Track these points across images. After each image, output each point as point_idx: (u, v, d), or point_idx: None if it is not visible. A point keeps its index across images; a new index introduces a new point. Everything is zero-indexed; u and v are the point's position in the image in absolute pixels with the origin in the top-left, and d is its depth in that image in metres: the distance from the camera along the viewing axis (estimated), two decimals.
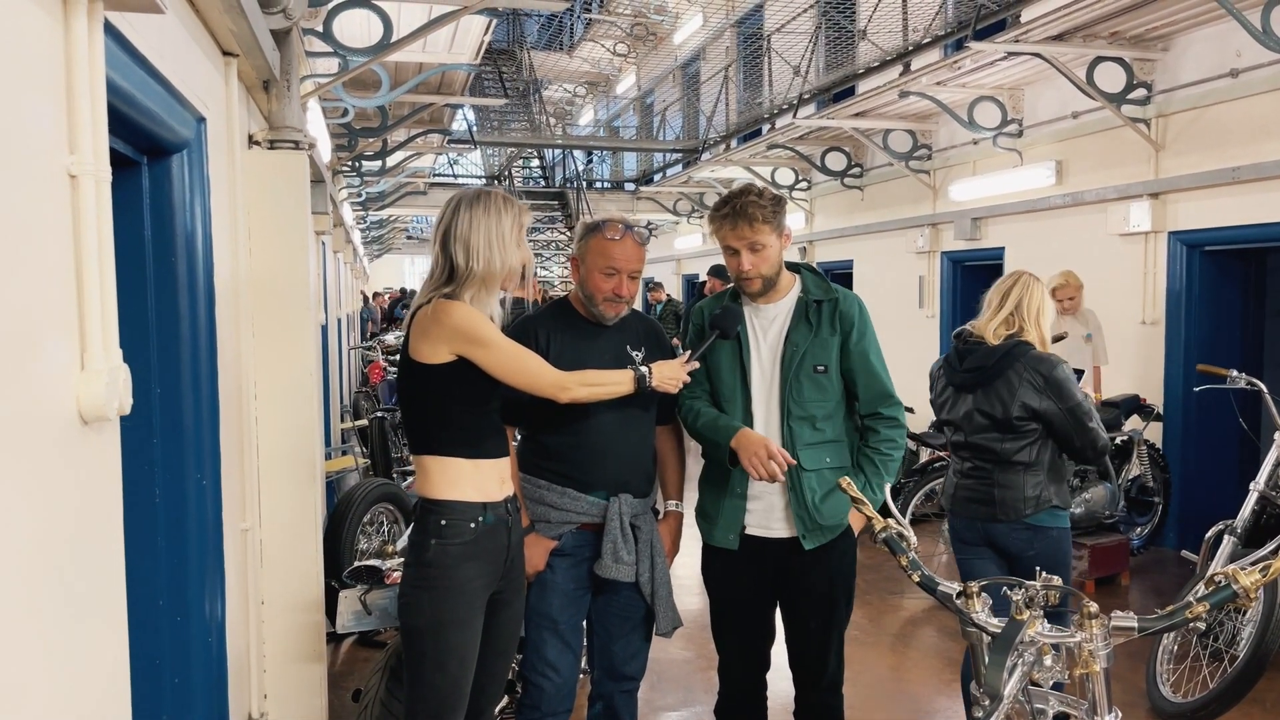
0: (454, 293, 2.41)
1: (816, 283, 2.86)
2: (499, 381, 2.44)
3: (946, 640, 4.95)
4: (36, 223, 1.35)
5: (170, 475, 2.38)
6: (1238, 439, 5.99)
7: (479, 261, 2.39)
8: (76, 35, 1.43)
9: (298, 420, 3.36)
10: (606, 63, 18.84)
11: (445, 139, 10.00)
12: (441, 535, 2.41)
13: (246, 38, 2.76)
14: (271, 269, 3.26)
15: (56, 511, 1.39)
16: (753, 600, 2.93)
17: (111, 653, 1.65)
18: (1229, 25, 5.65)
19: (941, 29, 7.36)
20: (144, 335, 2.32)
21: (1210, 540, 4.30)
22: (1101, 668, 1.71)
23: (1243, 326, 6.50)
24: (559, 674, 2.81)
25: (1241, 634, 3.86)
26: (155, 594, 2.36)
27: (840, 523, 2.79)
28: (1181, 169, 6.30)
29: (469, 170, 20.23)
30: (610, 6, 16.40)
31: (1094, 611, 1.70)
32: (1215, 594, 1.68)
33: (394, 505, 5.28)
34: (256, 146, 3.30)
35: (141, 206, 2.32)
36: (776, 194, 2.81)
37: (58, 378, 1.40)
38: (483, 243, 2.40)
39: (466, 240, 2.40)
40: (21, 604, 1.26)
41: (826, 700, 2.95)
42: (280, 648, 3.31)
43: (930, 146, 9.28)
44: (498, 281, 2.44)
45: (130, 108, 1.89)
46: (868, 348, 2.81)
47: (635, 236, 2.79)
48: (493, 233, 2.41)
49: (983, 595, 1.85)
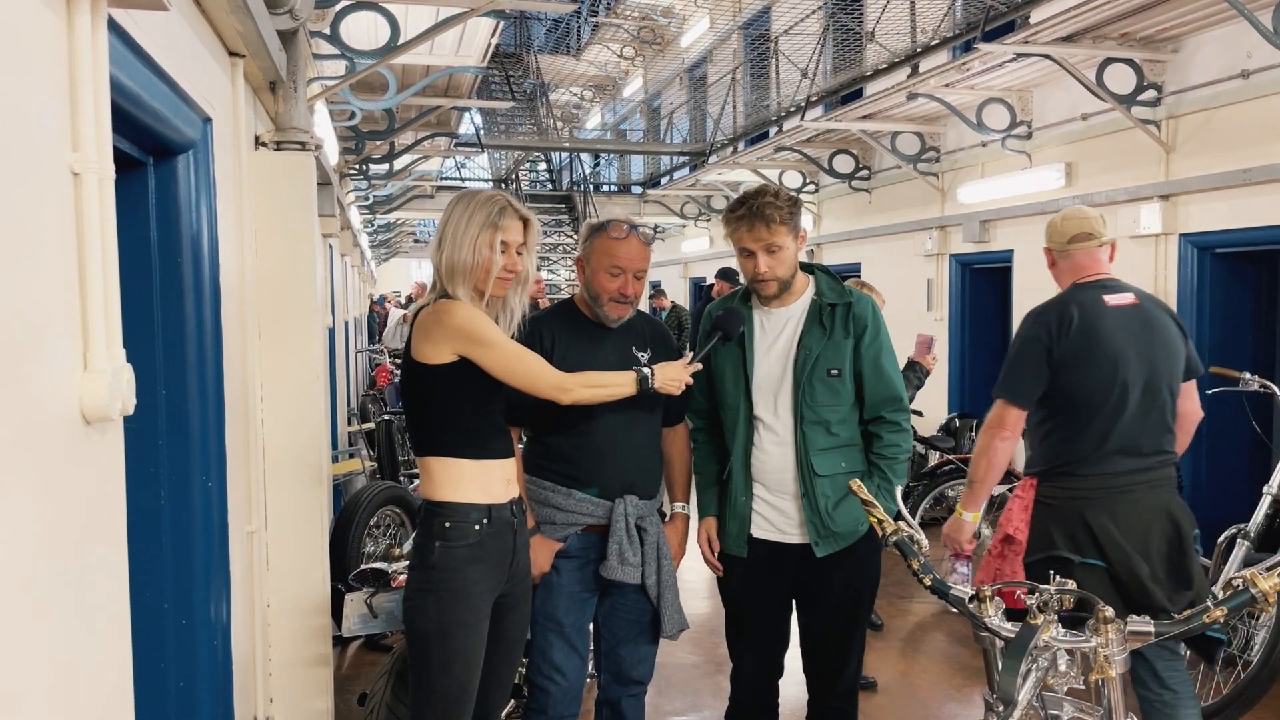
0: (449, 291, 2.41)
1: (830, 285, 2.83)
2: (502, 382, 2.43)
3: (956, 645, 4.92)
4: (38, 221, 1.33)
5: (175, 477, 2.37)
6: (1249, 442, 5.95)
7: (443, 253, 2.42)
8: (80, 31, 1.42)
9: (304, 422, 3.34)
10: (613, 66, 18.85)
11: (452, 142, 10.01)
12: (446, 538, 2.40)
13: (253, 38, 2.75)
14: (278, 271, 3.25)
15: (58, 514, 1.37)
16: (770, 606, 2.91)
17: (115, 656, 1.63)
18: (1240, 26, 5.61)
19: (950, 31, 7.34)
20: (149, 336, 2.31)
21: (1223, 545, 4.27)
22: (1117, 673, 1.69)
23: (1254, 329, 6.45)
24: (565, 677, 2.80)
25: (1255, 639, 3.83)
26: (160, 597, 2.34)
27: (855, 530, 2.76)
28: (1192, 171, 6.26)
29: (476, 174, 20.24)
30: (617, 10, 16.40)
31: (1110, 616, 1.68)
32: (1233, 598, 1.65)
33: (400, 508, 5.28)
34: (263, 148, 3.29)
35: (147, 207, 2.30)
36: (792, 195, 2.79)
37: (60, 378, 1.38)
38: (449, 235, 2.43)
39: (441, 233, 2.44)
40: (23, 607, 1.24)
41: (841, 706, 2.92)
42: (286, 651, 3.30)
43: (938, 149, 9.24)
44: (470, 278, 2.42)
45: (135, 107, 1.87)
46: (879, 350, 2.78)
47: (640, 236, 2.77)
48: (460, 225, 2.42)
49: (995, 599, 1.82)
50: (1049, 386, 2.94)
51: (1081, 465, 2.92)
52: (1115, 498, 2.88)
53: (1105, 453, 2.90)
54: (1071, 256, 3.05)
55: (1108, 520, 2.85)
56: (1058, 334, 2.93)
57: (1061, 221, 3.08)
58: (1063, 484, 2.94)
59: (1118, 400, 2.90)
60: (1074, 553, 2.88)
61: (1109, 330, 2.91)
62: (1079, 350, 2.91)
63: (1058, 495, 2.95)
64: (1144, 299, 3.02)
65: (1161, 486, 2.95)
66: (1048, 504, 2.97)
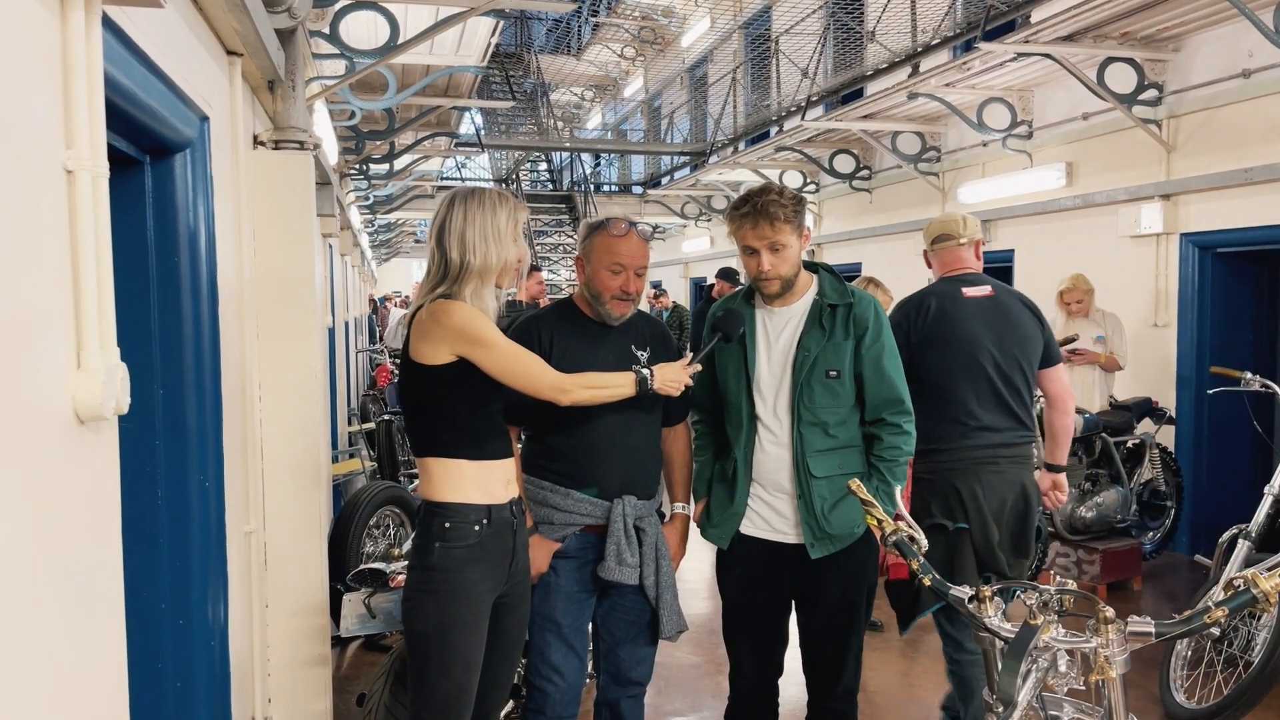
0: (452, 290, 2.39)
1: (833, 285, 2.82)
2: (501, 382, 2.42)
3: None
4: (31, 218, 1.32)
5: (173, 477, 2.36)
6: (1250, 442, 5.94)
7: (475, 256, 2.38)
8: (73, 27, 1.41)
9: (303, 422, 3.33)
10: (614, 66, 18.85)
11: (453, 142, 10.01)
12: (445, 538, 2.39)
13: (250, 37, 2.74)
14: (277, 270, 3.24)
15: (52, 514, 1.36)
16: (768, 606, 2.90)
17: (110, 657, 1.62)
18: (1241, 25, 5.60)
19: (950, 30, 7.33)
20: (147, 336, 2.30)
21: (1224, 545, 4.25)
22: (1118, 674, 1.68)
23: (1255, 329, 6.45)
24: (563, 678, 2.79)
25: (1256, 639, 3.82)
26: (157, 597, 2.33)
27: (851, 533, 2.75)
28: (1193, 170, 6.25)
29: (477, 174, 20.25)
30: (618, 10, 16.40)
31: (1110, 616, 1.67)
32: (1235, 599, 1.64)
33: (400, 508, 5.27)
34: (261, 147, 3.29)
35: (144, 206, 2.30)
36: (797, 194, 2.78)
37: (53, 377, 1.37)
38: (478, 237, 2.39)
39: (462, 235, 2.39)
40: (16, 607, 1.23)
41: (840, 707, 2.91)
42: (284, 651, 3.29)
43: (939, 149, 9.24)
44: (494, 277, 2.43)
45: (131, 105, 1.87)
46: (881, 351, 2.76)
47: (639, 233, 2.77)
48: (488, 227, 2.40)
49: (995, 600, 1.82)
50: (915, 370, 3.19)
51: (948, 441, 3.26)
52: (982, 468, 3.23)
53: (969, 429, 3.25)
54: (938, 254, 3.50)
55: (976, 487, 3.21)
56: (915, 320, 3.30)
57: (930, 225, 3.56)
58: (935, 459, 3.26)
59: (975, 381, 3.25)
60: (948, 519, 3.23)
61: (964, 317, 3.28)
62: (935, 335, 3.27)
63: (932, 470, 3.27)
64: (1000, 291, 3.39)
65: (1022, 462, 3.30)
66: (924, 479, 3.28)
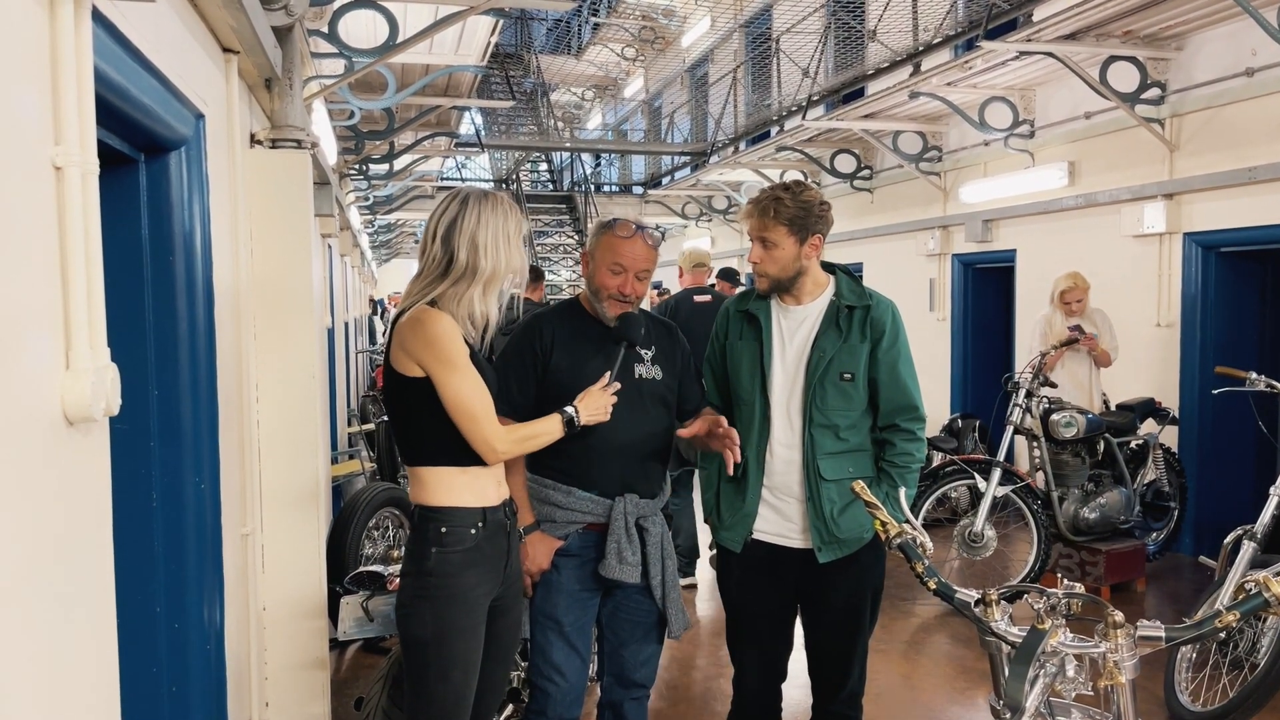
0: (449, 291, 2.33)
1: (851, 287, 2.79)
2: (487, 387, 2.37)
3: (960, 648, 4.88)
4: (18, 216, 1.30)
5: (167, 479, 2.33)
6: (1255, 443, 5.91)
7: (486, 259, 2.33)
8: (62, 21, 1.38)
9: (301, 423, 3.31)
10: (614, 66, 18.82)
11: (453, 142, 9.98)
12: (442, 543, 2.35)
13: (247, 34, 2.71)
14: (273, 270, 3.21)
15: (40, 517, 1.33)
16: (773, 611, 2.86)
17: (101, 660, 1.60)
18: (1244, 23, 5.57)
19: (952, 29, 7.29)
20: (141, 336, 2.27)
21: (1229, 546, 4.22)
22: (1127, 679, 1.64)
23: (1259, 329, 6.41)
24: (565, 678, 2.76)
25: (1262, 642, 3.78)
26: (152, 600, 2.31)
27: (860, 537, 2.71)
28: (1196, 169, 6.22)
29: (477, 174, 20.22)
30: (618, 9, 16.37)
31: (1119, 621, 1.64)
32: (1246, 602, 1.61)
33: (400, 510, 5.24)
34: (258, 145, 3.26)
35: (139, 205, 2.27)
36: (811, 200, 2.70)
37: (40, 377, 1.35)
38: (491, 241, 2.34)
39: (474, 236, 2.33)
40: (4, 610, 1.21)
41: (845, 711, 2.88)
42: (282, 654, 3.27)
43: (941, 148, 9.20)
44: (500, 283, 2.39)
45: (124, 102, 1.84)
46: (897, 357, 2.73)
47: (646, 238, 2.74)
48: (499, 231, 2.36)
49: (1002, 603, 1.78)
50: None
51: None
52: None
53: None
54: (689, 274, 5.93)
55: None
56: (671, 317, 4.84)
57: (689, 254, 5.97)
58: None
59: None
60: None
61: (690, 315, 5.39)
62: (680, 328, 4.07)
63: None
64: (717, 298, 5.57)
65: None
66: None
